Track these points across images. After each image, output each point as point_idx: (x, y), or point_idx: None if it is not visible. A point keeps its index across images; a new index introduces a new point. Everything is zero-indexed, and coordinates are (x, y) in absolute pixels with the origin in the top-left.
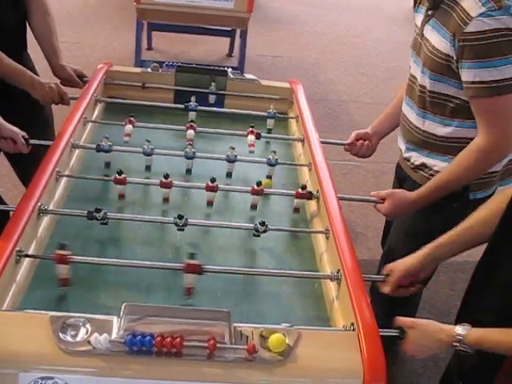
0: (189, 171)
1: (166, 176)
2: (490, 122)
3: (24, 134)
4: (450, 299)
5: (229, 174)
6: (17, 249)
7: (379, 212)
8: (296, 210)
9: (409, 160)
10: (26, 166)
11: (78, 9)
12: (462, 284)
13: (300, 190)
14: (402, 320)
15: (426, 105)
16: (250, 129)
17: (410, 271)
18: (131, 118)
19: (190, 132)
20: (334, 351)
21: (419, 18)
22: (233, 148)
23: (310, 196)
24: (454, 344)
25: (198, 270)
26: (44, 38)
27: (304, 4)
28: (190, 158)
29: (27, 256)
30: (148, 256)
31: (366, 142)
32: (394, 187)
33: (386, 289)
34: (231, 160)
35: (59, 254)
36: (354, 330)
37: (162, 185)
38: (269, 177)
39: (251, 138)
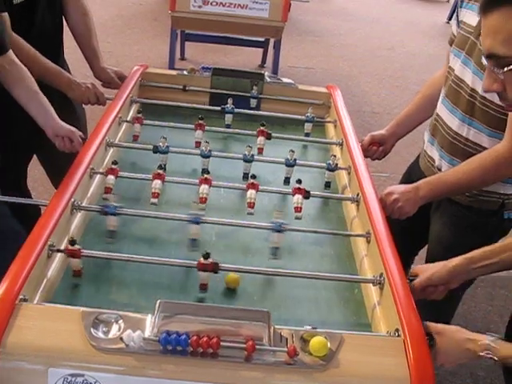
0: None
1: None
2: None
3: (80, 133)
4: (488, 315)
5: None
6: (49, 243)
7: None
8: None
9: (441, 170)
10: (59, 164)
11: (111, 19)
12: (501, 300)
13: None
14: (431, 325)
15: (474, 111)
16: (261, 128)
17: (434, 281)
18: (139, 116)
19: (199, 132)
20: (378, 357)
21: (469, 15)
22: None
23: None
24: (483, 354)
25: (213, 269)
26: (84, 39)
27: (335, 17)
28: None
29: (59, 251)
30: (182, 255)
31: (381, 148)
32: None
33: None
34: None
35: (72, 249)
36: (399, 335)
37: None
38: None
39: (260, 139)
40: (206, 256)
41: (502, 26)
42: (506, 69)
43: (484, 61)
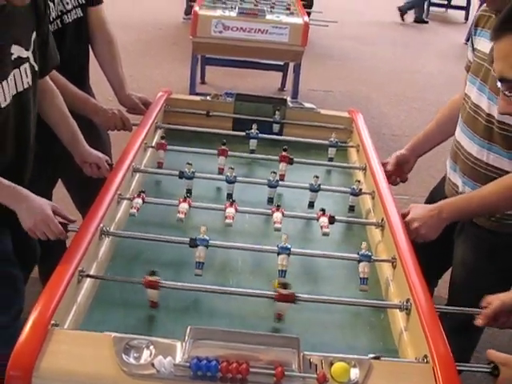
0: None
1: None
2: None
3: (107, 158)
4: None
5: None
6: (79, 269)
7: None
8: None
9: None
10: (85, 190)
11: (132, 43)
12: None
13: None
14: (494, 355)
15: (493, 136)
16: (283, 153)
17: (507, 307)
18: (162, 142)
19: (222, 158)
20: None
21: (483, 42)
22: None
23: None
24: None
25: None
26: (109, 66)
27: (352, 40)
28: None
29: (89, 276)
30: (211, 280)
31: (404, 170)
32: None
33: (479, 321)
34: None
35: (149, 279)
36: (427, 362)
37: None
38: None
39: (282, 165)
40: (286, 287)
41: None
42: None
43: (498, 84)
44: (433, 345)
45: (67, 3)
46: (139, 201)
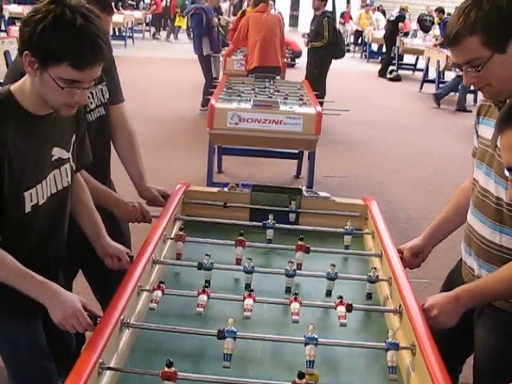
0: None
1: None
2: None
3: (128, 250)
4: None
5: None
6: (100, 361)
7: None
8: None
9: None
10: (106, 282)
11: (151, 136)
12: None
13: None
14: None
15: (503, 218)
16: (299, 242)
17: None
18: (181, 234)
19: (240, 248)
20: None
21: (485, 129)
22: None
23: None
24: None
25: None
26: (129, 161)
27: (364, 126)
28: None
29: (109, 369)
30: (228, 371)
31: (419, 257)
32: None
33: None
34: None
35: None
36: None
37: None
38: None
39: (299, 254)
40: (301, 376)
41: None
42: None
43: (506, 173)
44: None
45: (91, 103)
46: (159, 293)
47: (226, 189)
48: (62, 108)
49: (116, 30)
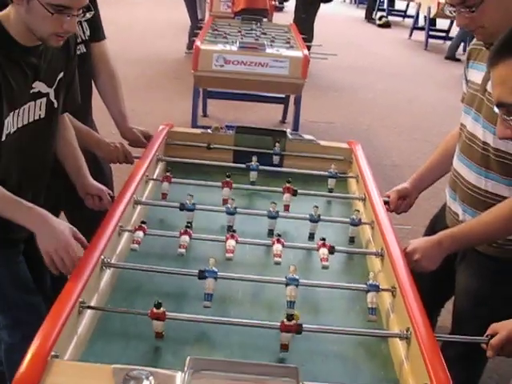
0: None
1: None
2: None
3: (109, 191)
4: None
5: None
6: (80, 300)
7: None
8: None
9: None
10: (88, 224)
11: (135, 78)
12: None
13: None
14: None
15: (489, 164)
16: (287, 185)
17: None
18: (168, 175)
19: (226, 189)
20: None
21: (475, 74)
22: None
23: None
24: None
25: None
26: (111, 101)
27: (353, 72)
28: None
29: (89, 308)
30: (209, 311)
31: (405, 202)
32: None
33: (489, 352)
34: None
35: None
36: None
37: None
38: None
39: (287, 196)
40: (290, 318)
41: (509, 76)
42: None
43: (496, 109)
44: (433, 373)
45: None
46: (140, 234)
47: (209, 130)
48: (51, 38)
49: None
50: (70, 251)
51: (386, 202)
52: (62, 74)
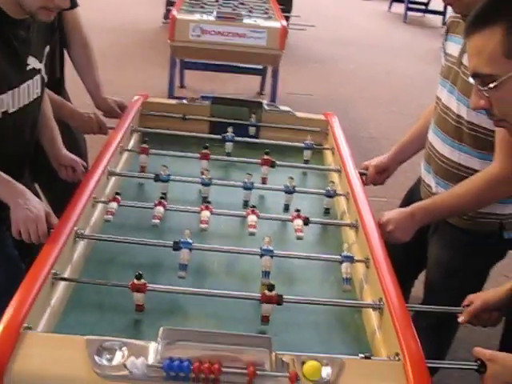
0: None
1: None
2: (509, 152)
3: (83, 162)
4: (490, 338)
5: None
6: (52, 271)
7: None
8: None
9: None
10: (61, 195)
11: (110, 48)
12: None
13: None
14: (480, 352)
15: (463, 137)
16: (265, 156)
17: (489, 305)
18: (145, 146)
19: (204, 161)
20: (379, 382)
21: (452, 46)
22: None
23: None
24: None
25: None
26: (85, 70)
27: (332, 44)
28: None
29: (63, 279)
30: (185, 282)
31: (384, 175)
32: None
33: (462, 318)
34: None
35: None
36: (399, 360)
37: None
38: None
39: (265, 169)
40: (271, 288)
41: (484, 47)
42: (490, 85)
43: (471, 80)
44: (404, 343)
45: None
46: (114, 205)
47: (185, 101)
48: (40, 12)
49: None
50: (39, 225)
51: (362, 174)
52: (48, 48)
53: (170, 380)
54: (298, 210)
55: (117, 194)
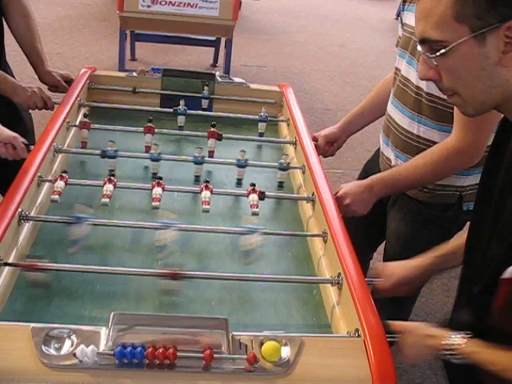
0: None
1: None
2: (467, 124)
3: (23, 139)
4: (445, 306)
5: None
6: None
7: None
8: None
9: None
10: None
11: (59, 20)
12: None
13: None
14: (391, 324)
15: (422, 108)
16: (211, 129)
17: (406, 281)
18: (86, 121)
19: (149, 135)
20: (339, 359)
21: (410, 16)
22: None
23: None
24: (443, 352)
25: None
26: (26, 41)
27: (285, 15)
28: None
29: (6, 264)
30: (135, 263)
31: (333, 146)
32: None
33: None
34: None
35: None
36: (359, 336)
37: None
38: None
39: (211, 142)
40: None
41: (433, 9)
42: (438, 53)
43: (418, 47)
44: (364, 318)
45: None
46: (61, 184)
47: (134, 73)
48: None
49: None
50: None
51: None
52: None
53: (123, 368)
54: (253, 185)
55: (64, 172)
